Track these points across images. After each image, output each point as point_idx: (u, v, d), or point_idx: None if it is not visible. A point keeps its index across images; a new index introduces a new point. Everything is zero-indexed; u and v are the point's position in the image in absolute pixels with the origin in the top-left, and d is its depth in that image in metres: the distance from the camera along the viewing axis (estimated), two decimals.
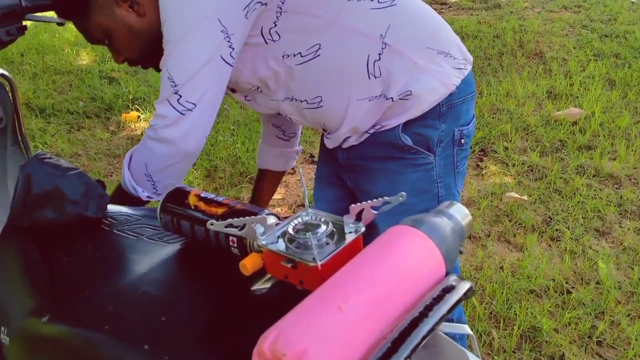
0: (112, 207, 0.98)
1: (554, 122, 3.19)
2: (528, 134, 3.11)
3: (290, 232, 0.67)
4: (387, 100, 1.09)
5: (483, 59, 4.12)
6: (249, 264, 0.69)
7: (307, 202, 0.70)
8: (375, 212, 0.67)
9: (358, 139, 1.15)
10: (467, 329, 0.64)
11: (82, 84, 3.83)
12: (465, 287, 0.57)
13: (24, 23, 1.17)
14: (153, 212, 0.94)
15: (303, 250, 0.65)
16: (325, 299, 0.52)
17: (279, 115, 1.44)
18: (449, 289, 0.56)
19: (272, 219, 0.70)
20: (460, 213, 0.65)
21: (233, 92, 1.21)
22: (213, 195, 0.83)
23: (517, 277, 2.06)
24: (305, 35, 1.06)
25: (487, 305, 1.93)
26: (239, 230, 0.69)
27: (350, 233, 0.67)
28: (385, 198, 0.65)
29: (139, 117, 3.40)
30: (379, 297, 0.53)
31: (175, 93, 1.01)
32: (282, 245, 0.67)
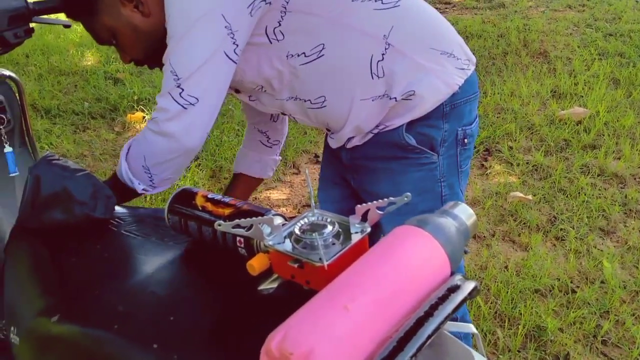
0: (119, 207, 0.99)
1: (559, 121, 3.19)
2: (532, 134, 3.10)
3: (297, 232, 0.68)
4: (390, 100, 1.09)
5: (487, 59, 4.11)
6: (256, 264, 0.69)
7: (312, 202, 0.70)
8: (381, 212, 0.68)
9: (362, 139, 1.16)
10: (472, 328, 0.64)
11: (87, 85, 3.84)
12: (470, 286, 0.58)
13: (31, 25, 1.18)
14: (160, 212, 0.94)
15: (309, 251, 0.66)
16: (332, 299, 0.53)
17: (268, 121, 1.45)
18: (454, 289, 0.57)
19: (278, 220, 0.71)
20: (465, 213, 0.65)
21: (237, 92, 1.21)
22: (220, 196, 0.84)
23: (521, 276, 2.06)
24: (309, 36, 1.07)
25: (492, 305, 1.93)
26: (246, 231, 0.69)
27: (357, 233, 0.68)
28: (391, 199, 0.66)
29: (144, 117, 3.41)
30: (385, 296, 0.54)
31: (178, 86, 1.00)
32: (288, 246, 0.68)
